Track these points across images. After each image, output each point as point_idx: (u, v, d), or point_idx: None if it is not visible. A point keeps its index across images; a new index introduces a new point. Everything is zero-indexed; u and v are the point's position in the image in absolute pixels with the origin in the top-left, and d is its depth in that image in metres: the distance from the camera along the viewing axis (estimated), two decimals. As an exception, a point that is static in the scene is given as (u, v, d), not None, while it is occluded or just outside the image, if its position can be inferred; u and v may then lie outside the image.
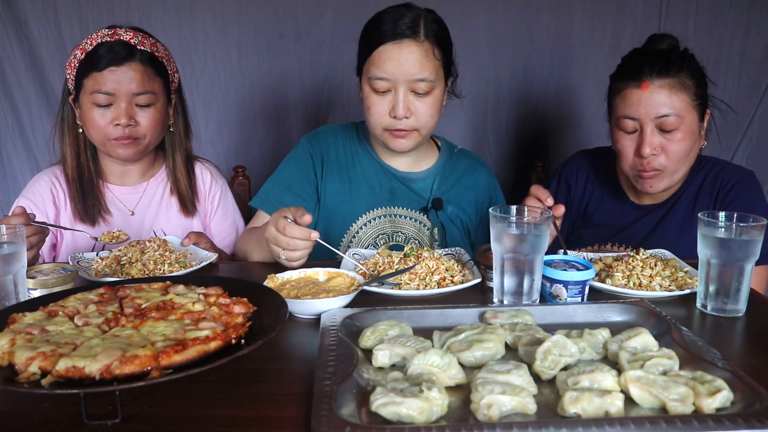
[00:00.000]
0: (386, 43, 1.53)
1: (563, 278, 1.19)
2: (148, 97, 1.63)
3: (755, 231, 1.13)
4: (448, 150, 1.82)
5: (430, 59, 1.55)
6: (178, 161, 1.79)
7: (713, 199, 1.66)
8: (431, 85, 1.56)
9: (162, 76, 1.67)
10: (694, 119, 1.56)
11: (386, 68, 1.54)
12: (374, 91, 1.58)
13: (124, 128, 1.61)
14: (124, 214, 1.76)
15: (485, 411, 0.77)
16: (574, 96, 2.51)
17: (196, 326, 0.90)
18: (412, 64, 1.53)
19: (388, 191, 1.74)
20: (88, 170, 1.72)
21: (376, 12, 1.59)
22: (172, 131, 1.77)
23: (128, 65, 1.60)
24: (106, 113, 1.61)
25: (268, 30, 2.42)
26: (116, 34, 1.61)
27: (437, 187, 1.76)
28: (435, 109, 1.60)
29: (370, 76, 1.57)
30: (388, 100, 1.57)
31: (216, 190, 1.88)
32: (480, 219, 1.79)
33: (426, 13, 1.58)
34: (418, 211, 1.74)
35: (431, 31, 1.55)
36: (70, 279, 1.22)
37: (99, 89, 1.59)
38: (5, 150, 2.47)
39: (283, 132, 2.54)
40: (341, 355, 0.91)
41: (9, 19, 2.34)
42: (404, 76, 1.54)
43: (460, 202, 1.77)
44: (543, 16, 2.43)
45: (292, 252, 1.32)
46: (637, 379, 0.81)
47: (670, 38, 1.62)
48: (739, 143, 2.51)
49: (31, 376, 0.78)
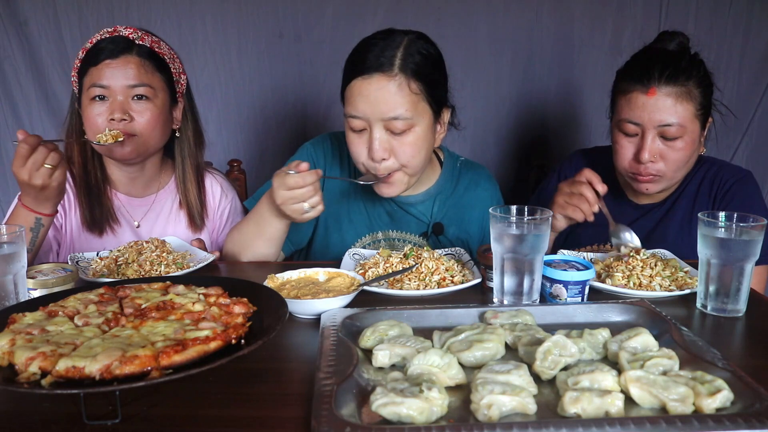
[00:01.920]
0: (357, 77, 1.41)
1: (563, 278, 1.19)
2: (144, 89, 1.56)
3: (755, 231, 1.13)
4: (450, 164, 1.71)
5: (405, 94, 1.40)
6: (188, 171, 1.72)
7: (712, 199, 1.66)
8: (409, 123, 1.41)
9: (163, 72, 1.62)
10: (696, 128, 1.55)
11: (357, 106, 1.42)
12: (351, 130, 1.46)
13: (119, 123, 1.54)
14: (132, 225, 1.72)
15: (485, 411, 0.77)
16: (574, 96, 2.51)
17: (196, 326, 0.90)
18: (383, 101, 1.39)
19: (387, 215, 1.68)
20: (95, 178, 1.67)
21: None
22: (179, 137, 1.70)
23: (124, 57, 1.55)
24: (101, 108, 1.55)
25: (268, 30, 2.42)
26: (116, 31, 1.59)
27: (437, 210, 1.67)
28: (417, 147, 1.45)
29: (345, 113, 1.46)
30: (365, 139, 1.45)
31: (226, 205, 1.81)
32: (482, 236, 1.70)
33: (409, 42, 1.43)
34: (418, 235, 1.68)
35: (409, 62, 1.40)
36: (70, 279, 1.22)
37: (95, 82, 1.55)
38: (5, 150, 2.47)
39: (283, 132, 2.54)
40: (341, 355, 0.91)
41: (9, 19, 2.34)
42: (376, 114, 1.40)
43: (461, 222, 1.69)
44: (543, 16, 2.43)
45: (313, 197, 1.33)
46: (637, 379, 0.81)
47: (680, 36, 1.59)
48: (739, 143, 2.51)
49: (31, 376, 0.78)
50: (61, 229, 1.69)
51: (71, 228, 1.68)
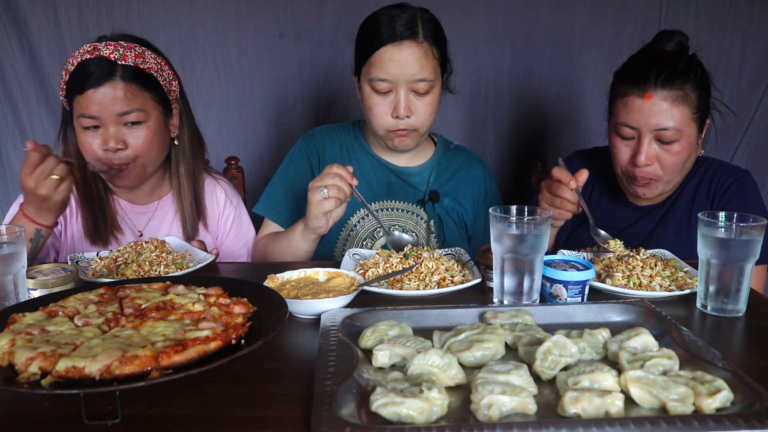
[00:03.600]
0: (386, 44, 1.55)
1: (563, 278, 1.19)
2: (136, 115, 1.51)
3: (755, 231, 1.13)
4: (444, 145, 1.85)
5: (430, 59, 1.57)
6: (183, 182, 1.67)
7: (710, 200, 1.66)
8: (431, 85, 1.59)
9: (152, 89, 1.55)
10: (693, 131, 1.55)
11: (388, 70, 1.55)
12: (375, 92, 1.60)
13: (114, 152, 1.51)
14: (134, 232, 1.70)
15: (485, 411, 0.77)
16: (574, 95, 2.51)
17: (196, 326, 0.90)
18: (413, 65, 1.55)
19: (385, 186, 1.77)
20: (96, 188, 1.64)
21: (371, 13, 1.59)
22: (177, 145, 1.66)
23: (109, 84, 1.48)
24: (95, 137, 1.51)
25: (268, 30, 2.42)
26: (96, 50, 1.50)
27: (434, 180, 1.79)
28: (434, 107, 1.63)
29: (371, 77, 1.58)
30: (390, 100, 1.59)
31: (230, 211, 1.78)
32: (476, 213, 1.82)
33: (421, 12, 1.59)
34: (415, 204, 1.76)
35: (429, 30, 1.57)
36: (70, 279, 1.22)
37: (83, 113, 1.49)
38: (5, 150, 2.48)
39: (283, 132, 2.54)
40: (341, 355, 0.91)
41: (9, 19, 2.34)
42: (405, 76, 1.56)
43: (456, 195, 1.79)
44: (543, 16, 2.43)
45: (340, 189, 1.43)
46: (637, 379, 0.81)
47: (679, 36, 1.57)
48: (739, 143, 2.51)
49: (31, 377, 0.78)
50: (60, 237, 1.67)
51: (71, 235, 1.67)
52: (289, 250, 1.60)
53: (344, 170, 1.44)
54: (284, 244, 1.62)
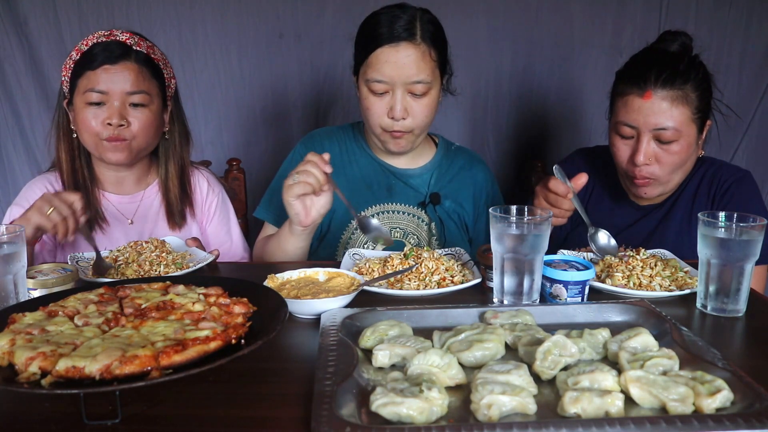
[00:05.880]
0: (383, 45, 1.54)
1: (563, 278, 1.19)
2: (141, 96, 1.59)
3: (755, 231, 1.13)
4: (445, 147, 1.84)
5: (427, 61, 1.56)
6: (171, 171, 1.74)
7: (710, 200, 1.66)
8: (428, 87, 1.57)
9: (157, 78, 1.64)
10: (692, 132, 1.55)
11: (384, 71, 1.55)
12: (372, 93, 1.59)
13: (116, 128, 1.57)
14: (122, 223, 1.72)
15: (485, 411, 0.77)
16: (574, 96, 2.51)
17: (196, 326, 0.90)
18: (410, 66, 1.54)
19: (386, 188, 1.76)
20: (83, 177, 1.68)
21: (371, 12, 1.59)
22: (167, 138, 1.73)
23: (123, 64, 1.57)
24: (98, 112, 1.57)
25: (268, 30, 2.42)
26: (113, 35, 1.59)
27: (435, 183, 1.78)
28: (431, 109, 1.62)
29: (368, 78, 1.58)
30: (386, 101, 1.59)
31: (213, 198, 1.84)
32: (477, 215, 1.81)
33: (421, 13, 1.57)
34: (415, 206, 1.75)
35: (427, 32, 1.56)
36: (70, 279, 1.22)
37: (92, 87, 1.55)
38: (5, 150, 2.47)
39: (283, 132, 2.54)
40: (341, 355, 0.91)
41: (9, 19, 2.34)
42: (402, 78, 1.55)
43: (457, 197, 1.78)
44: (543, 16, 2.43)
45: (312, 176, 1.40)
46: (637, 379, 0.81)
47: (683, 37, 1.57)
48: (739, 143, 2.51)
49: (31, 376, 0.78)
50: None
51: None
52: (280, 246, 1.59)
53: (318, 157, 1.42)
54: (275, 241, 1.62)
